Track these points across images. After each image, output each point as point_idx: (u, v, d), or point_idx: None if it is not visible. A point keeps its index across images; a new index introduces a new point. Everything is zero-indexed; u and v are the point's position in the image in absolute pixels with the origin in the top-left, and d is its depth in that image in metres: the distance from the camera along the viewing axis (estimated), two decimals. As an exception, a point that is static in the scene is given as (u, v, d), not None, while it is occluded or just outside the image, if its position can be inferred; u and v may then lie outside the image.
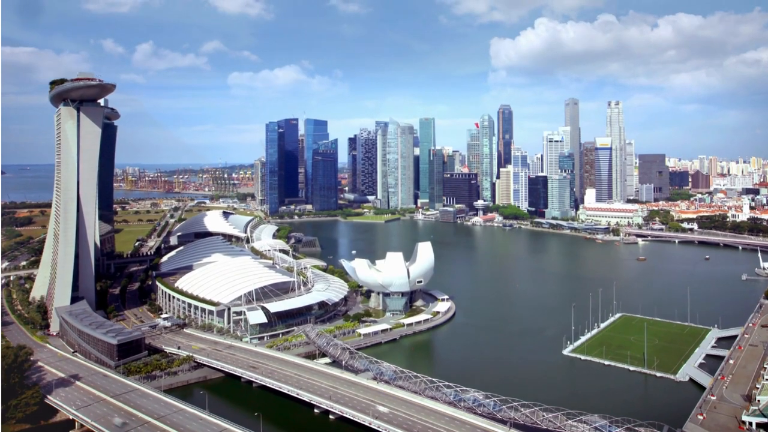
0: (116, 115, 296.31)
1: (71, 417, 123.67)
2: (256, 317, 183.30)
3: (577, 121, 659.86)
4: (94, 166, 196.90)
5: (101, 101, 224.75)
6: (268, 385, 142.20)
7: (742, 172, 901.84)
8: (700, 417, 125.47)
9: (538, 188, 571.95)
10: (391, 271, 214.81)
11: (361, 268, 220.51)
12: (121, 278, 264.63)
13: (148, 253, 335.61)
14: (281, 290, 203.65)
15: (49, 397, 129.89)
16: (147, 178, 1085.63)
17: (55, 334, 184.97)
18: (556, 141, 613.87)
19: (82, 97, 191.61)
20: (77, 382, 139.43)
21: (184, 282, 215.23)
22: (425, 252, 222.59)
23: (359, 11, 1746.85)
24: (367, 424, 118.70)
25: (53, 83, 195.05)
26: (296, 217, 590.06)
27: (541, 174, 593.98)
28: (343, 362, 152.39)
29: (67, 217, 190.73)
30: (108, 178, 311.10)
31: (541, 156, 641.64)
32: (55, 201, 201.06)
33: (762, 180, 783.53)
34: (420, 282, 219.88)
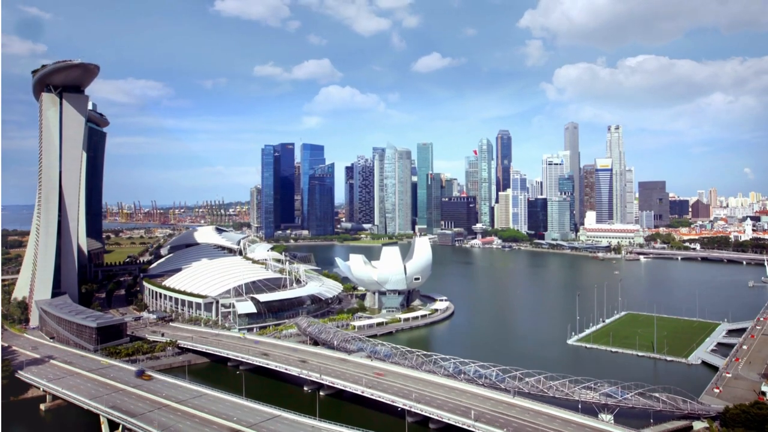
0: (105, 122, 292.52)
1: (42, 389, 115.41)
2: (245, 307, 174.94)
3: (577, 145, 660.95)
4: (77, 156, 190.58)
5: (90, 104, 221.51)
6: (254, 363, 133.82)
7: (741, 204, 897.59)
8: (717, 390, 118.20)
9: (537, 211, 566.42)
10: (387, 268, 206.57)
11: (356, 265, 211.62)
12: (108, 284, 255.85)
13: (139, 261, 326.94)
14: (274, 285, 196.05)
15: (20, 372, 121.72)
16: (143, 212, 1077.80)
17: (34, 327, 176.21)
18: (556, 164, 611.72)
19: (65, 82, 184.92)
20: (51, 361, 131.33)
21: (172, 281, 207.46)
22: (422, 247, 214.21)
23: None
24: (360, 393, 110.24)
25: (35, 71, 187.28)
26: (292, 241, 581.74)
27: (540, 197, 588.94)
28: (336, 343, 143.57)
29: (48, 208, 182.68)
30: (97, 186, 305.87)
31: (541, 182, 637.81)
32: (38, 193, 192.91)
33: (762, 208, 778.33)
34: (417, 279, 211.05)
